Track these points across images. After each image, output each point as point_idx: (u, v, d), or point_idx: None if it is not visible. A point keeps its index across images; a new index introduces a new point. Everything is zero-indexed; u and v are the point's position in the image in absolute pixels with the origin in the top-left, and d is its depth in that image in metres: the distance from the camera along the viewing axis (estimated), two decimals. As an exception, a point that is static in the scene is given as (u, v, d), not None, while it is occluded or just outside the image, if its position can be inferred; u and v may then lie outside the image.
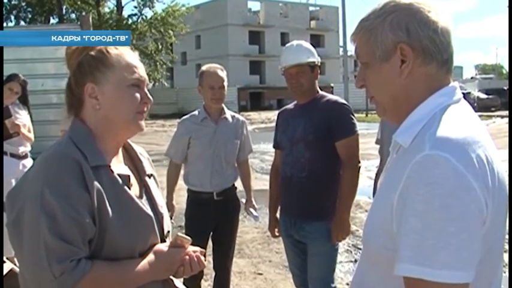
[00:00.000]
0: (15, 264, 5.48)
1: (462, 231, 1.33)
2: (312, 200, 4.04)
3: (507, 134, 3.50)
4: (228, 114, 4.84)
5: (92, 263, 1.76)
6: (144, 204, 1.97)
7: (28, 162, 6.21)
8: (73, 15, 45.03)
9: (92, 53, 1.96)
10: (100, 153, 1.90)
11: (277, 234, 4.52)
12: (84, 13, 36.02)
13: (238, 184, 4.95)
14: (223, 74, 4.70)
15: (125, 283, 1.86)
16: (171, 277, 2.05)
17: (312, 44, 4.36)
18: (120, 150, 2.08)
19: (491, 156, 1.44)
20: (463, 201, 1.33)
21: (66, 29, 8.78)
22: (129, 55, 2.01)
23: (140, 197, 2.03)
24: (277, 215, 4.51)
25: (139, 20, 44.58)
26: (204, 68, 4.78)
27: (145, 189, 2.09)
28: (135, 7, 44.59)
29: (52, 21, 45.08)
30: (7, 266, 5.30)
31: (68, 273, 1.69)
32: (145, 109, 2.00)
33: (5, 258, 5.27)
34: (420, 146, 1.42)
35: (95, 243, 1.79)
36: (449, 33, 1.55)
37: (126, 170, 2.02)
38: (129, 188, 1.93)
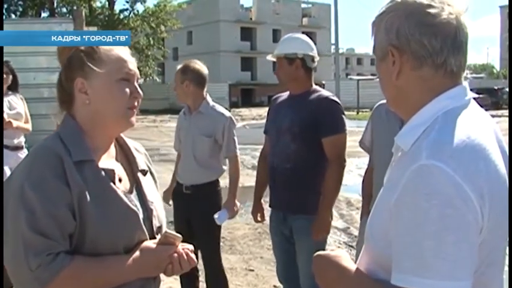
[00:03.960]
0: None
1: (461, 241, 1.32)
2: (297, 192, 4.04)
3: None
4: (206, 108, 4.76)
5: (72, 258, 1.76)
6: (132, 199, 1.96)
7: (23, 153, 6.14)
8: (64, 9, 44.79)
9: (82, 47, 1.97)
10: (85, 148, 1.90)
11: (259, 219, 4.58)
12: (75, 7, 35.90)
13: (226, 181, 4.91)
14: (182, 72, 4.74)
15: (106, 279, 1.84)
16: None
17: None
18: (113, 145, 2.08)
19: (495, 164, 1.42)
20: (461, 211, 1.32)
21: (59, 23, 8.75)
22: (119, 49, 2.01)
23: (130, 192, 2.01)
24: (262, 201, 4.60)
25: (130, 15, 44.50)
26: None
27: (136, 185, 2.07)
28: (127, 2, 44.55)
29: (43, 14, 44.86)
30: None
31: (44, 266, 1.70)
32: (135, 104, 2.00)
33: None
34: (417, 154, 1.40)
35: (76, 237, 1.80)
36: (447, 34, 1.49)
37: (113, 165, 2.00)
38: (114, 183, 1.92)
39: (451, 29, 1.50)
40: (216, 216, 4.58)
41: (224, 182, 4.82)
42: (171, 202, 5.03)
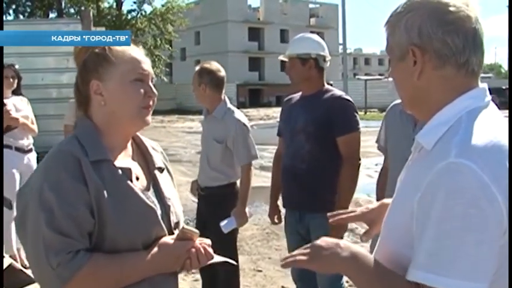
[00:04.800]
0: (15, 260, 5.47)
1: (482, 243, 1.31)
2: (313, 191, 4.06)
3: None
4: (219, 112, 4.67)
5: (90, 255, 1.80)
6: (149, 196, 2.00)
7: (32, 156, 6.17)
8: (72, 10, 44.95)
9: (96, 50, 2.01)
10: (102, 148, 1.94)
11: (276, 221, 4.57)
12: (83, 8, 36.05)
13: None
14: (199, 75, 4.65)
15: (125, 275, 1.88)
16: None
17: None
18: (130, 144, 2.12)
19: None
20: (485, 212, 1.31)
21: (67, 23, 8.77)
22: (133, 50, 2.04)
23: (147, 189, 2.05)
24: (279, 203, 4.55)
25: (138, 16, 44.59)
26: None
27: (153, 182, 2.11)
28: (134, 2, 44.66)
29: (51, 15, 45.03)
30: (6, 261, 5.29)
31: (64, 264, 1.75)
32: (150, 103, 2.03)
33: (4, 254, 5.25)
34: (445, 152, 1.39)
35: (96, 235, 1.84)
36: (467, 33, 1.50)
37: (130, 164, 2.04)
38: (131, 181, 1.96)
39: (471, 27, 1.50)
40: (222, 223, 4.51)
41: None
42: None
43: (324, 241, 1.58)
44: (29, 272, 5.26)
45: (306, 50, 4.11)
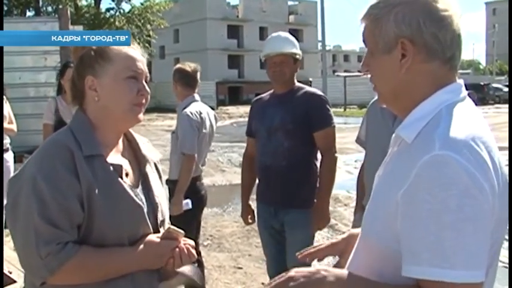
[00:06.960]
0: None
1: (478, 231, 1.34)
2: (291, 188, 4.12)
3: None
4: (181, 106, 4.95)
5: (79, 247, 1.87)
6: (138, 193, 2.06)
7: (9, 156, 6.10)
8: (49, 8, 44.55)
9: (94, 47, 2.07)
10: (96, 143, 2.00)
11: (250, 221, 4.62)
12: (61, 6, 35.70)
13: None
14: (172, 74, 5.07)
15: (111, 269, 1.94)
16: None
17: (290, 39, 4.40)
18: (121, 141, 2.17)
19: (496, 156, 1.45)
20: (478, 201, 1.34)
21: (44, 22, 8.67)
22: (129, 49, 2.10)
23: (136, 186, 2.10)
24: (250, 202, 4.63)
25: (116, 14, 44.28)
26: None
27: (143, 179, 2.17)
28: (113, 0, 44.33)
29: (28, 13, 44.60)
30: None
31: (53, 255, 1.81)
32: (143, 101, 2.08)
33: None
34: (429, 145, 1.41)
35: (84, 228, 1.90)
36: (455, 30, 1.53)
37: (121, 160, 2.09)
38: (122, 178, 2.01)
39: (455, 23, 1.54)
40: None
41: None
42: None
43: (300, 272, 1.53)
44: (10, 274, 5.23)
45: (297, 50, 4.25)
